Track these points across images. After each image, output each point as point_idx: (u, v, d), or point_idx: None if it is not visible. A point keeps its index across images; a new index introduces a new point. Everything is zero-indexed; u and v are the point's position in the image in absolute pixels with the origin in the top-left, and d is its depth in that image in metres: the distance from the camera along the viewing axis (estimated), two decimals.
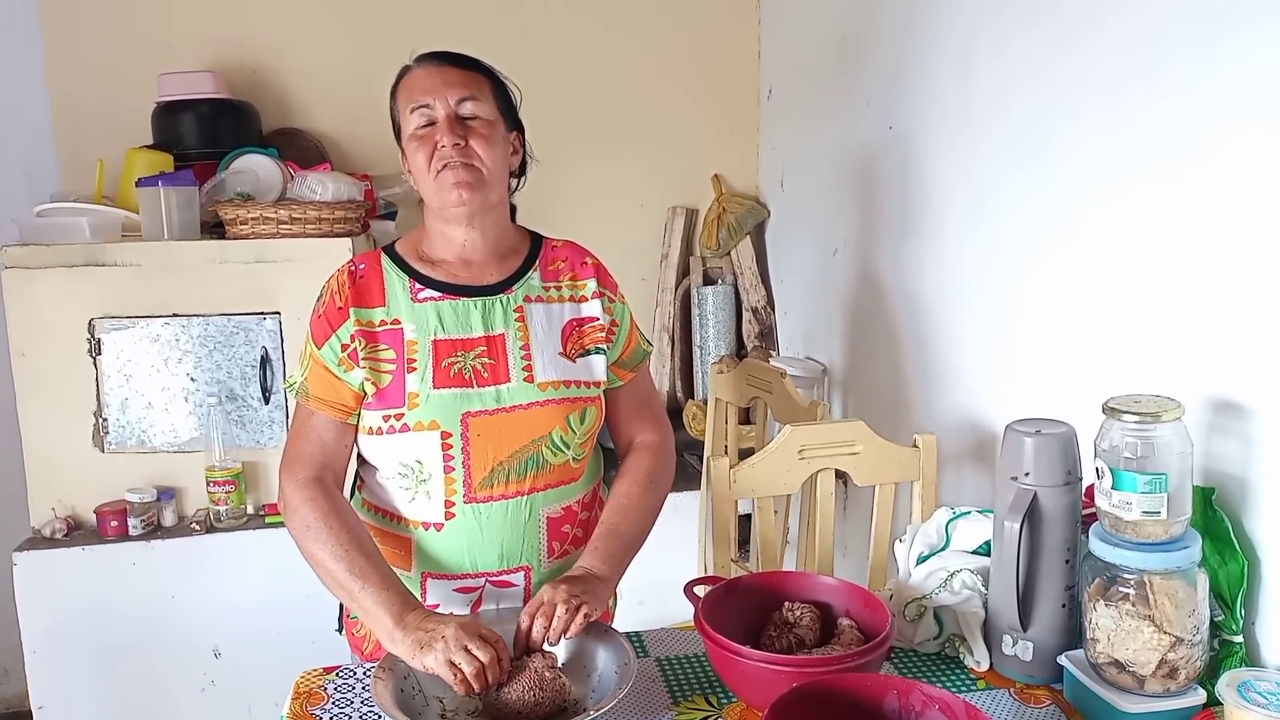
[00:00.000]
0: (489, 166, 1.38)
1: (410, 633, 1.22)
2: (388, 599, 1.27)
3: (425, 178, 1.38)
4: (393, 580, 1.31)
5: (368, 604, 1.27)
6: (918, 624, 1.35)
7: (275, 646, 2.21)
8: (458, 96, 1.38)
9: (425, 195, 1.41)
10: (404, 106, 1.40)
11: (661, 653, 1.38)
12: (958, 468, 1.98)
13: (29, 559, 2.25)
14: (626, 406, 1.55)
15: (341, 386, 1.39)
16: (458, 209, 1.38)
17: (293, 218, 2.30)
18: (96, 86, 2.70)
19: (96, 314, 2.28)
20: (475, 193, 1.37)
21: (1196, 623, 1.16)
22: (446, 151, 1.36)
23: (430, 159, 1.37)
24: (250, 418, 2.36)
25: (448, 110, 1.37)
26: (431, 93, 1.38)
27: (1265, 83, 1.22)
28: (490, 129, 1.39)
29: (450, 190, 1.36)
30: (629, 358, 1.52)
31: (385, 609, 1.25)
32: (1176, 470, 1.17)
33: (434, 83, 1.38)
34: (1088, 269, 1.59)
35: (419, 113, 1.38)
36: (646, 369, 1.59)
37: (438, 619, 1.23)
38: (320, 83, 2.81)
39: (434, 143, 1.36)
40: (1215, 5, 1.30)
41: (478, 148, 1.37)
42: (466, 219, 1.41)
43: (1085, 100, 1.57)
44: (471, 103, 1.38)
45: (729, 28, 3.04)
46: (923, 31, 2.08)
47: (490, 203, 1.41)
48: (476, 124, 1.38)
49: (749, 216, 3.00)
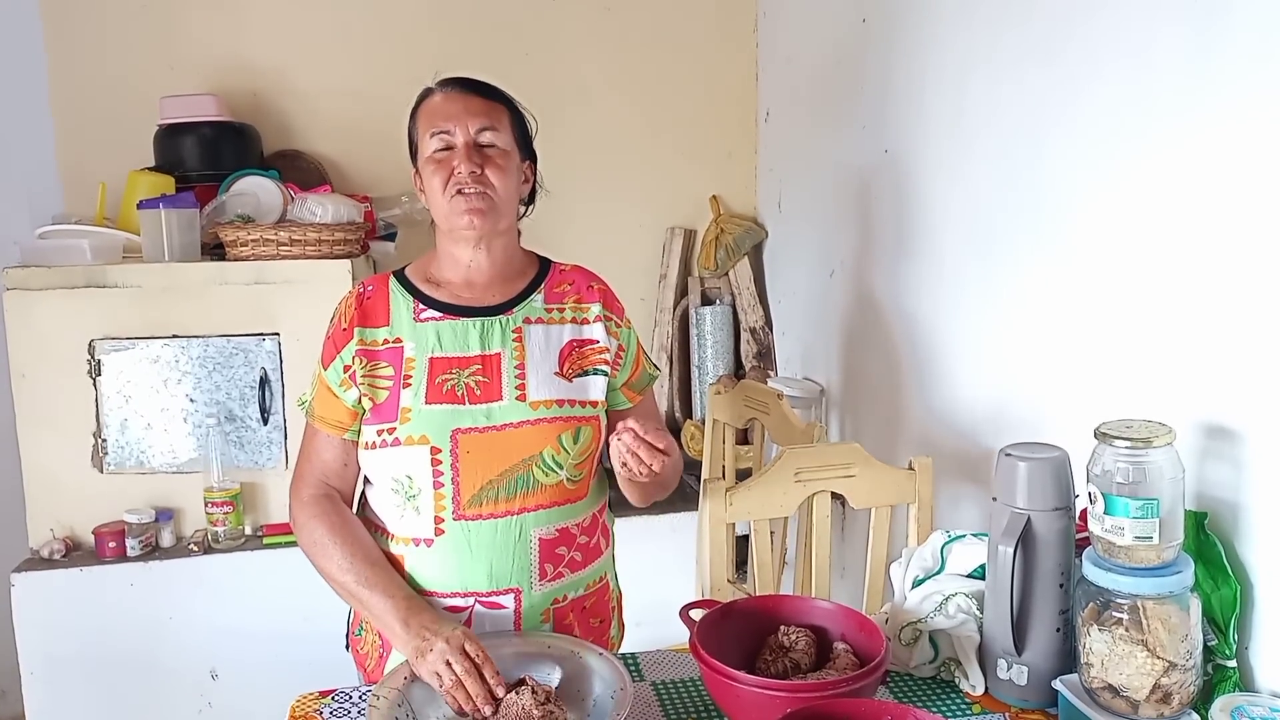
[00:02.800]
0: (501, 195, 1.41)
1: (413, 638, 1.27)
2: (394, 604, 1.32)
3: (439, 199, 1.41)
4: (399, 586, 1.35)
5: (377, 610, 1.33)
6: (913, 648, 1.35)
7: (272, 668, 2.21)
8: (478, 125, 1.41)
9: (437, 216, 1.45)
10: (424, 130, 1.43)
11: (657, 676, 1.38)
12: (954, 490, 1.98)
13: (27, 580, 2.25)
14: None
15: (339, 405, 1.43)
16: (467, 232, 1.41)
17: (293, 239, 2.32)
18: (99, 109, 2.72)
19: (97, 335, 2.30)
20: (485, 219, 1.40)
21: (1190, 647, 1.16)
22: (462, 178, 1.39)
23: (446, 183, 1.40)
24: (249, 438, 2.36)
25: (467, 138, 1.40)
26: (452, 119, 1.41)
27: (1259, 102, 1.24)
28: (506, 159, 1.42)
29: (461, 215, 1.39)
30: (637, 380, 1.53)
31: (392, 614, 1.30)
32: (1168, 495, 1.17)
33: (455, 109, 1.41)
34: (1081, 292, 1.60)
35: (438, 138, 1.41)
36: (652, 394, 1.60)
37: (437, 626, 1.26)
38: (321, 105, 2.83)
39: (451, 167, 1.40)
40: (1207, 25, 1.32)
41: (492, 177, 1.40)
42: (474, 241, 1.44)
43: (1078, 124, 1.59)
44: (490, 132, 1.41)
45: (727, 51, 3.07)
46: (916, 55, 2.10)
47: (499, 228, 1.44)
48: (493, 153, 1.41)
49: (747, 237, 3.02)
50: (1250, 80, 1.25)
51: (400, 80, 1.48)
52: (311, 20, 2.81)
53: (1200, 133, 1.33)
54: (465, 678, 1.20)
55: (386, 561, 1.39)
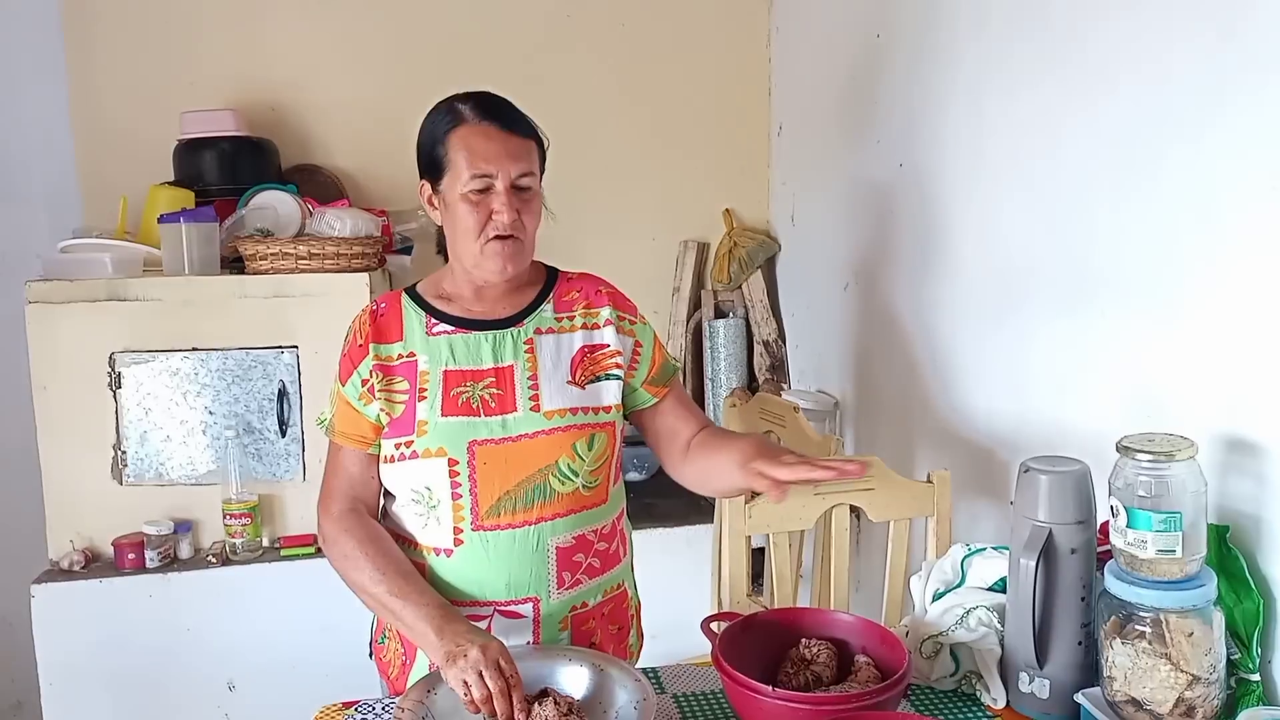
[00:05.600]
0: (530, 236, 1.42)
1: (446, 643, 1.26)
2: (428, 613, 1.31)
3: (469, 239, 1.39)
4: (431, 595, 1.35)
5: (410, 620, 1.32)
6: (934, 661, 1.35)
7: (290, 679, 2.22)
8: (519, 170, 1.39)
9: (462, 253, 1.42)
10: (461, 164, 1.38)
11: (679, 689, 1.38)
12: (971, 503, 1.98)
13: (47, 591, 2.26)
14: (671, 415, 1.54)
15: (361, 420, 1.44)
16: (498, 278, 1.42)
17: (311, 253, 2.34)
18: (119, 124, 2.75)
19: (117, 348, 2.32)
20: (517, 264, 1.42)
21: (1213, 661, 1.16)
22: (503, 227, 1.38)
23: (482, 226, 1.38)
24: (267, 450, 2.38)
25: (507, 183, 1.38)
26: (495, 162, 1.37)
27: (1277, 112, 1.24)
28: (538, 200, 1.43)
29: (496, 259, 1.39)
30: (658, 374, 1.53)
31: (426, 622, 1.30)
32: (1191, 508, 1.18)
33: (497, 151, 1.38)
34: (1100, 306, 1.60)
35: (479, 180, 1.38)
36: (679, 381, 1.58)
37: (471, 636, 1.26)
38: (338, 120, 2.86)
39: (489, 211, 1.38)
40: (1223, 35, 1.32)
41: (527, 221, 1.40)
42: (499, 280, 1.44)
43: (1094, 135, 1.60)
44: (528, 177, 1.40)
45: (741, 65, 3.09)
46: (932, 70, 2.11)
47: (523, 267, 1.45)
48: (529, 196, 1.41)
49: (760, 250, 3.03)
50: (1268, 90, 1.25)
51: (416, 95, 1.49)
52: (328, 36, 2.84)
53: (1218, 142, 1.34)
54: (498, 698, 1.19)
55: (417, 572, 1.40)
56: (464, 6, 2.90)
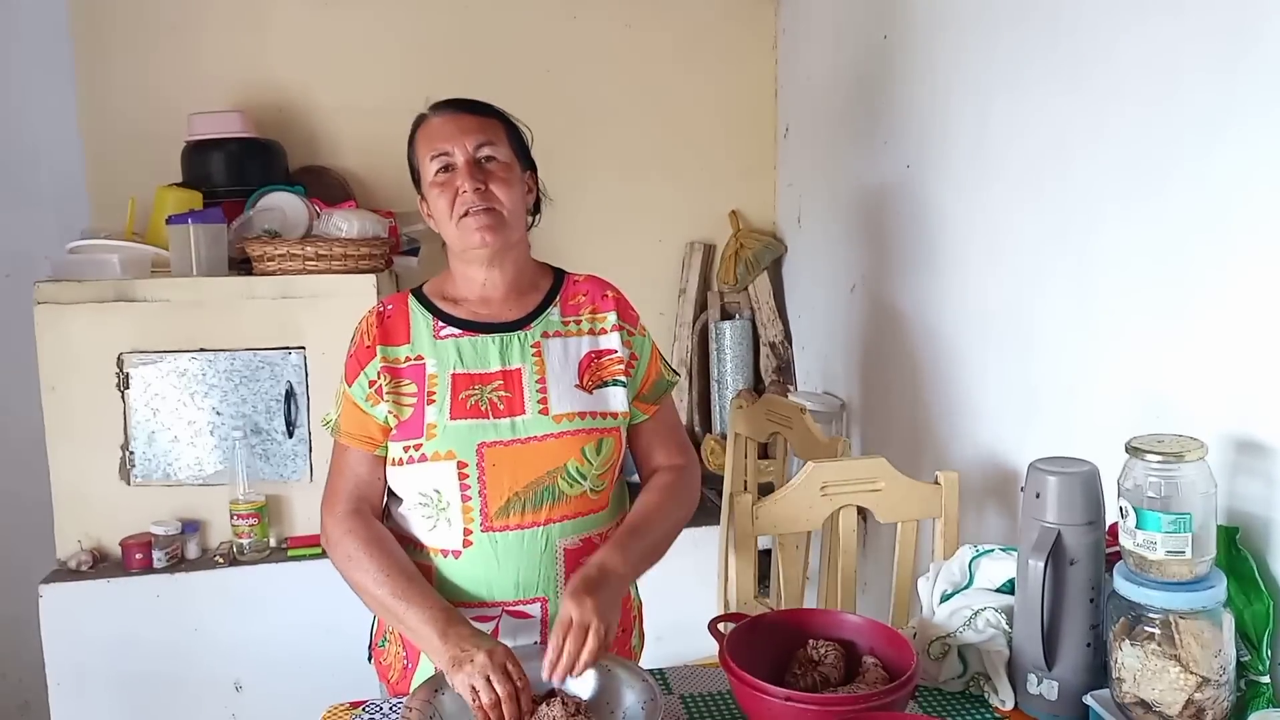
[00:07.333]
0: (508, 207, 1.43)
1: (450, 648, 1.25)
2: (432, 616, 1.30)
3: (448, 223, 1.43)
4: (435, 598, 1.34)
5: (413, 623, 1.32)
6: (942, 662, 1.35)
7: (297, 680, 2.23)
8: (475, 142, 1.42)
9: (448, 239, 1.46)
10: (423, 155, 1.45)
11: (686, 690, 1.38)
12: (979, 504, 1.98)
13: (54, 591, 2.27)
14: (649, 439, 1.56)
15: (369, 421, 1.43)
16: (480, 250, 1.43)
17: (318, 254, 2.34)
18: (127, 126, 2.76)
19: (125, 348, 2.32)
20: (497, 234, 1.42)
21: (1223, 663, 1.16)
22: (468, 197, 1.40)
23: (452, 205, 1.42)
24: (274, 451, 2.38)
25: (466, 156, 1.42)
26: (450, 140, 1.42)
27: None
28: (508, 171, 1.44)
29: (473, 234, 1.41)
30: (649, 392, 1.54)
31: (430, 626, 1.29)
32: (1200, 510, 1.17)
33: (451, 130, 1.43)
34: (1108, 306, 1.60)
35: (438, 160, 1.43)
36: (670, 401, 1.60)
37: (477, 640, 1.26)
38: (345, 121, 2.86)
39: (455, 188, 1.41)
40: (1233, 47, 1.32)
41: (497, 191, 1.42)
42: (488, 260, 1.45)
43: (1101, 136, 1.59)
44: (489, 147, 1.43)
45: (747, 67, 3.09)
46: (938, 72, 2.11)
47: (510, 242, 1.46)
48: (494, 167, 1.43)
49: (766, 252, 3.03)
50: (1277, 103, 1.25)
51: (424, 96, 1.50)
52: (336, 37, 2.84)
53: (1226, 152, 1.34)
54: (507, 702, 1.19)
55: (421, 575, 1.39)
56: (471, 8, 2.90)
